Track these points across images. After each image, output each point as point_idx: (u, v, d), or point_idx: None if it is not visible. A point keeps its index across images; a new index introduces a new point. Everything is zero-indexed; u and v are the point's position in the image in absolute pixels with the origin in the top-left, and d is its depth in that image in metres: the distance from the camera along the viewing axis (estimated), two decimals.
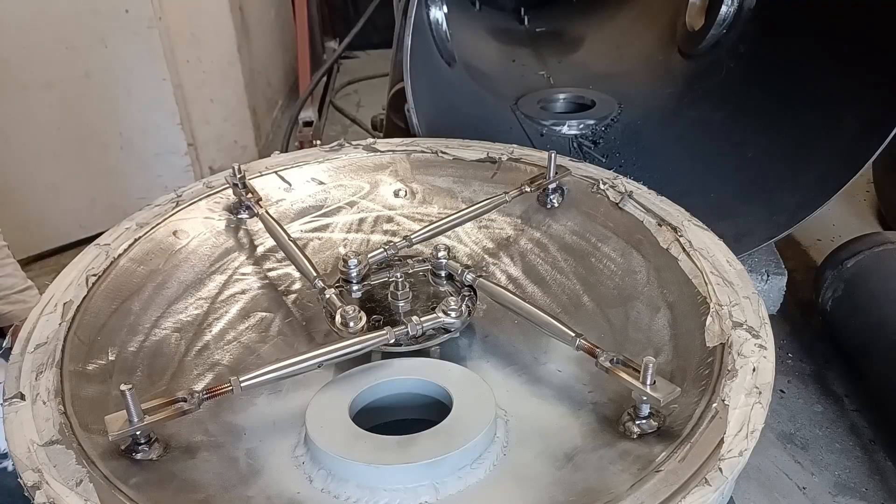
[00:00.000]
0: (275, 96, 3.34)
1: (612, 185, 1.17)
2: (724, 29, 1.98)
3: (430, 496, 0.75)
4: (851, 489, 1.56)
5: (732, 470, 0.70)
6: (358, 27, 2.67)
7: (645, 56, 2.30)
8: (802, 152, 1.64)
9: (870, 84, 1.52)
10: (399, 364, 0.90)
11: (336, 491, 0.76)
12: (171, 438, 0.82)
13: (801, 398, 1.80)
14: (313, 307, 1.06)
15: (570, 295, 1.09)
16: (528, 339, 0.99)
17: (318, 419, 0.81)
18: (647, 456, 0.75)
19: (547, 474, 0.78)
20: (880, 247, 1.81)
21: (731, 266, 0.98)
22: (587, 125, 2.06)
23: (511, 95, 2.19)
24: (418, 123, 1.56)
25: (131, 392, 0.73)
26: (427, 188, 1.30)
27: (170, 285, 1.07)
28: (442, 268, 1.03)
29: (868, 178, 2.51)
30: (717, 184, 1.73)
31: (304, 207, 1.27)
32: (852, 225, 2.39)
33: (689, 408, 0.79)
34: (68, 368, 0.86)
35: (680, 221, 1.07)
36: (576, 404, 0.88)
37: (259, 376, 0.81)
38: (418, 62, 1.62)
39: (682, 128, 1.94)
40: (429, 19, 2.02)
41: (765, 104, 1.78)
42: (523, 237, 1.20)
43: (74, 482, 0.71)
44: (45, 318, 0.93)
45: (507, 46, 2.60)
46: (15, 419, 0.78)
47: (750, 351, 0.83)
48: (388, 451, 0.77)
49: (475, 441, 0.78)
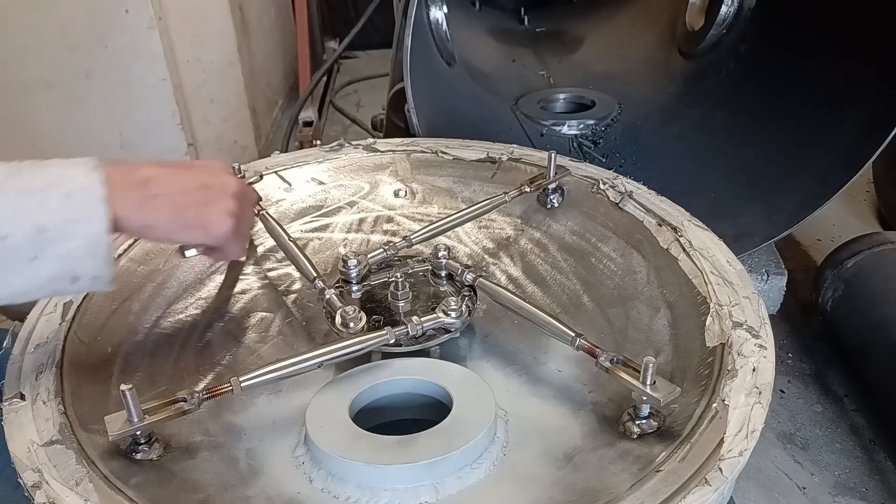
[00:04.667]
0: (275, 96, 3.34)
1: (612, 185, 1.18)
2: (724, 29, 1.97)
3: (430, 496, 0.75)
4: (851, 489, 1.56)
5: (732, 470, 0.70)
6: (358, 27, 2.67)
7: (645, 56, 2.30)
8: (802, 152, 1.64)
9: (870, 84, 1.52)
10: (399, 364, 0.90)
11: (336, 491, 0.76)
12: (171, 438, 0.82)
13: (801, 398, 1.80)
14: (313, 307, 1.06)
15: (570, 295, 1.09)
16: (528, 339, 0.99)
17: (318, 419, 0.81)
18: (647, 456, 0.75)
19: (547, 474, 0.78)
20: (880, 247, 1.81)
21: (731, 266, 0.98)
22: (587, 125, 2.06)
23: (511, 95, 2.19)
24: (418, 123, 1.56)
25: (131, 392, 0.73)
26: (427, 188, 1.30)
27: (170, 285, 1.08)
28: (442, 268, 1.03)
29: (868, 178, 2.51)
30: (717, 184, 1.73)
31: (304, 207, 1.27)
32: (852, 225, 2.39)
33: (689, 408, 0.79)
34: (68, 368, 0.86)
35: (680, 221, 1.07)
36: (576, 404, 0.88)
37: (259, 376, 0.81)
38: (418, 62, 1.62)
39: (682, 128, 1.94)
40: (429, 19, 2.02)
41: (765, 104, 1.78)
42: (523, 237, 1.20)
43: (74, 482, 0.71)
44: (45, 318, 0.93)
45: (507, 46, 2.60)
46: (15, 419, 0.78)
47: (750, 351, 0.83)
48: (388, 451, 0.77)
49: (475, 441, 0.78)
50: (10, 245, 0.70)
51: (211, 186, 0.88)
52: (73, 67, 2.32)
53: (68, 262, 0.74)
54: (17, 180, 0.73)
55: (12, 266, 0.71)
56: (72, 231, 0.72)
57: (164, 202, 0.82)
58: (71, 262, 0.74)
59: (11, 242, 0.70)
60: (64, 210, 0.72)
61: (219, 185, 0.89)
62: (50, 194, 0.72)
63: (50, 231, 0.71)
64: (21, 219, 0.71)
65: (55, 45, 2.26)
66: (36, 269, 0.72)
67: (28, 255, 0.71)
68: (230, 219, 0.89)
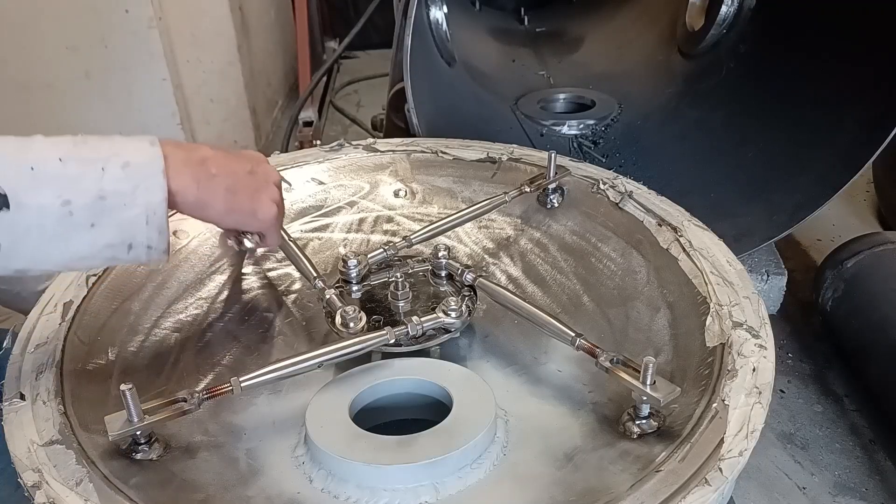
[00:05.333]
0: (275, 96, 3.34)
1: (612, 185, 1.18)
2: (724, 29, 1.98)
3: (430, 496, 0.75)
4: (851, 489, 1.56)
5: (732, 470, 0.70)
6: (358, 27, 2.67)
7: (645, 56, 2.30)
8: (802, 152, 1.64)
9: (870, 84, 1.52)
10: (399, 364, 0.90)
11: (336, 491, 0.76)
12: (171, 438, 0.82)
13: (801, 398, 1.80)
14: (313, 307, 1.06)
15: (570, 295, 1.09)
16: (528, 339, 0.99)
17: (318, 419, 0.81)
18: (647, 456, 0.75)
19: (547, 474, 0.78)
20: (880, 247, 1.81)
21: (731, 266, 0.98)
22: (587, 125, 2.06)
23: (511, 95, 2.19)
24: (418, 123, 1.56)
25: (131, 392, 0.73)
26: (427, 188, 1.30)
27: (170, 285, 1.08)
28: (442, 268, 1.03)
29: (868, 178, 2.51)
30: (717, 184, 1.73)
31: (304, 207, 1.27)
32: (852, 225, 2.39)
33: (689, 408, 0.79)
34: (68, 368, 0.86)
35: (680, 221, 1.07)
36: (576, 404, 0.88)
37: (259, 376, 0.81)
38: (418, 62, 1.62)
39: (682, 128, 1.94)
40: (429, 19, 2.02)
41: (765, 104, 1.78)
42: (523, 237, 1.20)
43: (74, 482, 0.71)
44: (45, 318, 0.93)
45: (507, 46, 2.60)
46: (15, 419, 0.78)
47: (750, 351, 0.83)
48: (388, 451, 0.77)
49: (475, 441, 0.78)
50: (72, 211, 0.73)
51: (257, 174, 0.91)
52: (73, 67, 2.33)
53: (125, 230, 0.76)
54: (81, 149, 0.75)
55: (72, 232, 0.74)
56: (131, 200, 0.75)
57: (221, 183, 0.85)
58: (128, 230, 0.76)
59: (72, 209, 0.73)
60: (124, 180, 0.75)
61: (264, 173, 0.93)
62: (110, 164, 0.75)
63: (109, 199, 0.74)
64: (82, 186, 0.73)
65: (55, 45, 2.27)
66: (94, 236, 0.75)
67: (87, 221, 0.74)
68: (275, 207, 0.93)
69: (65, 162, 0.73)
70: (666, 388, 0.76)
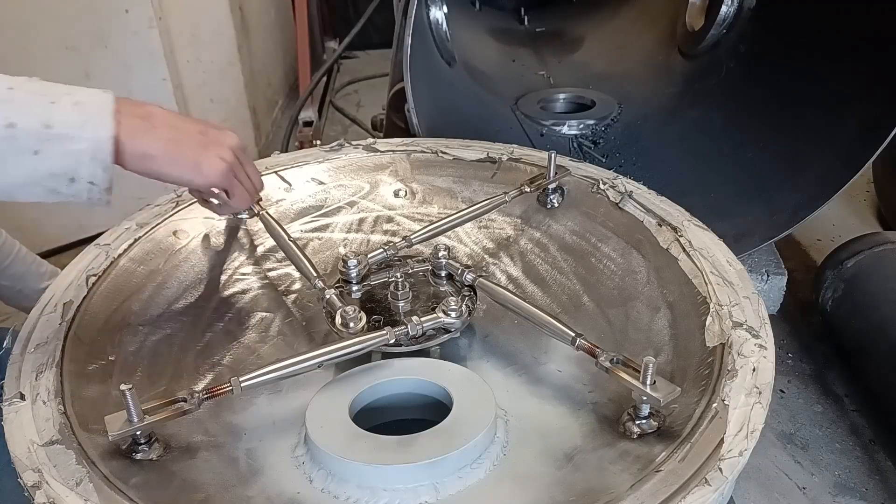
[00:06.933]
0: (275, 96, 3.34)
1: (612, 185, 1.18)
2: (724, 29, 1.98)
3: (430, 496, 0.75)
4: (851, 489, 1.56)
5: (732, 470, 0.70)
6: (358, 27, 2.67)
7: (645, 56, 2.30)
8: (802, 152, 1.64)
9: (870, 84, 1.52)
10: (399, 364, 0.90)
11: (336, 491, 0.76)
12: (171, 438, 0.82)
13: (801, 398, 1.80)
14: (313, 307, 1.06)
15: (570, 295, 1.09)
16: (528, 339, 0.99)
17: (318, 419, 0.81)
18: (647, 456, 0.75)
19: (547, 474, 0.78)
20: (880, 247, 1.81)
21: (731, 266, 0.98)
22: (587, 125, 2.06)
23: (511, 95, 2.19)
24: (418, 123, 1.56)
25: (131, 392, 0.73)
26: (427, 188, 1.30)
27: (170, 285, 1.08)
28: (442, 268, 1.03)
29: (868, 178, 2.51)
30: (717, 184, 1.73)
31: (304, 207, 1.27)
32: (852, 225, 2.39)
33: (689, 408, 0.79)
34: (68, 368, 0.86)
35: (680, 221, 1.07)
36: (576, 404, 0.88)
37: (259, 376, 0.81)
38: (418, 62, 1.62)
39: (682, 128, 1.94)
40: (429, 19, 2.02)
41: (765, 104, 1.78)
42: (523, 237, 1.20)
43: (74, 482, 0.71)
44: (45, 318, 0.93)
45: (507, 46, 2.60)
46: (15, 419, 0.78)
47: (750, 351, 0.83)
48: (388, 451, 0.77)
49: (475, 441, 0.78)
50: (16, 134, 0.74)
51: (209, 135, 0.92)
52: (73, 67, 2.32)
53: (69, 162, 0.77)
54: (35, 84, 0.78)
55: (13, 156, 0.75)
56: (78, 133, 0.77)
57: (163, 135, 0.86)
58: (72, 162, 0.77)
59: (17, 132, 0.74)
60: (73, 114, 0.77)
61: (218, 135, 0.93)
62: (62, 100, 0.77)
63: (55, 127, 0.75)
64: (30, 112, 0.75)
65: (55, 45, 2.26)
66: (36, 163, 0.76)
67: (31, 147, 0.75)
68: (223, 163, 0.92)
69: (14, 90, 0.76)
70: (666, 388, 0.76)
